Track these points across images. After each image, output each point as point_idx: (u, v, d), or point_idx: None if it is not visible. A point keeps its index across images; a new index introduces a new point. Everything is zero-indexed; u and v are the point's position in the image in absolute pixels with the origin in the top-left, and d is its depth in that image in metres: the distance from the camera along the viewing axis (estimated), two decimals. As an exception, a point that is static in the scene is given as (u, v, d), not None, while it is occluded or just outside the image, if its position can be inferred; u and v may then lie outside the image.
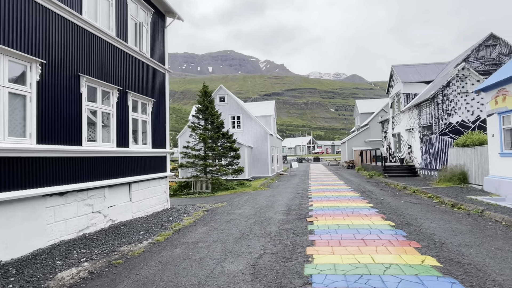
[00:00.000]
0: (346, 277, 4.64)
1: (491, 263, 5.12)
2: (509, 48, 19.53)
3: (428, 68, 25.51)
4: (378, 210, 9.96)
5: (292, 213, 10.07)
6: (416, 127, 21.25)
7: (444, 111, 18.26)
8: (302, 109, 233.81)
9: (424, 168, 20.09)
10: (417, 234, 7.02)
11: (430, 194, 12.63)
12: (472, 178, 14.56)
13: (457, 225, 7.79)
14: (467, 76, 18.21)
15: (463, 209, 9.63)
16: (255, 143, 26.95)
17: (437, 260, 5.30)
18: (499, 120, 12.12)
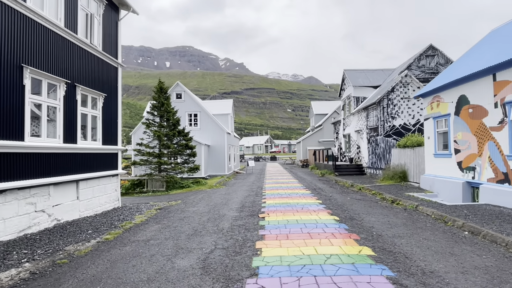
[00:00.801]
0: (290, 268, 4.97)
1: (418, 251, 5.76)
2: (445, 58, 21.55)
3: (376, 73, 27.25)
4: (325, 206, 10.58)
5: (245, 210, 10.33)
6: (364, 129, 22.65)
7: (389, 114, 19.69)
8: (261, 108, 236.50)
9: (370, 167, 21.49)
10: (358, 227, 7.62)
11: (374, 191, 13.62)
12: (411, 177, 15.92)
13: (394, 219, 8.56)
14: (409, 83, 19.81)
15: (401, 205, 10.56)
16: (212, 141, 26.93)
17: (372, 250, 5.84)
18: (434, 124, 13.41)
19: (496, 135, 9.68)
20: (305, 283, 4.37)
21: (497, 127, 9.64)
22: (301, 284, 4.34)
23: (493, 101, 9.81)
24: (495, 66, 9.47)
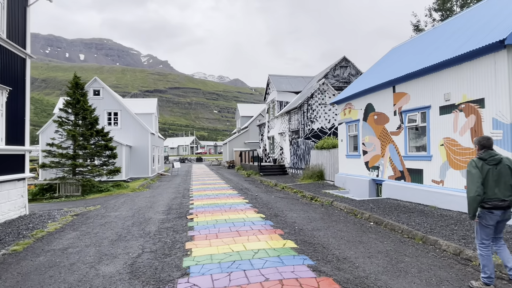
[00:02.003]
0: (221, 265, 5.17)
1: (333, 241, 6.49)
2: (356, 70, 24.16)
3: (297, 80, 29.15)
4: (252, 205, 11.04)
5: (172, 212, 10.19)
6: (286, 131, 24.04)
7: (309, 118, 21.30)
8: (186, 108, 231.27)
9: (292, 167, 22.91)
10: (282, 223, 8.19)
11: (295, 189, 14.63)
12: (327, 175, 17.48)
13: (313, 214, 9.39)
14: (326, 90, 21.71)
15: (319, 201, 11.58)
16: (135, 142, 25.58)
17: (295, 242, 6.39)
18: (346, 128, 14.99)
19: (395, 138, 11.31)
20: (235, 278, 4.62)
21: (395, 132, 11.27)
22: (232, 279, 4.58)
23: (393, 109, 11.44)
24: (394, 80, 11.08)
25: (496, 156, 4.14)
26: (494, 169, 4.07)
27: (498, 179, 4.05)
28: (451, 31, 11.39)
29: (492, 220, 4.09)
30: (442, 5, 26.30)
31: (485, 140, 4.26)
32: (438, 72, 9.32)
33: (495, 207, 4.02)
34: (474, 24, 9.99)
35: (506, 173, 4.06)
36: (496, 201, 4.02)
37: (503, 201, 4.02)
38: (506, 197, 4.03)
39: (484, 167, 4.09)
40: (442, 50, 9.96)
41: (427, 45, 12.14)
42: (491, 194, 4.04)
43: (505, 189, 4.04)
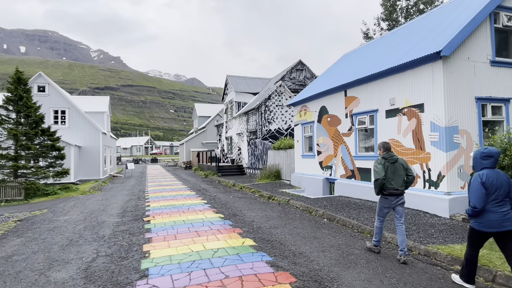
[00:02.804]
0: (180, 265, 5.19)
1: (290, 238, 6.78)
2: (311, 73, 25.11)
3: (255, 81, 29.56)
4: (211, 205, 11.07)
5: (128, 214, 9.89)
6: (244, 132, 24.28)
7: (266, 119, 21.72)
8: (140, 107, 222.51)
9: (250, 167, 23.20)
10: (240, 222, 8.35)
11: (253, 189, 14.88)
12: (284, 175, 17.98)
13: (270, 212, 9.67)
14: (283, 92, 22.30)
15: (276, 200, 11.92)
16: (85, 142, 24.20)
17: (253, 240, 6.58)
18: (302, 130, 15.57)
19: (346, 139, 12.00)
20: (196, 277, 4.68)
21: (347, 133, 11.96)
22: (192, 278, 4.63)
23: (344, 112, 12.13)
24: (345, 84, 11.76)
25: (394, 156, 5.49)
26: (392, 166, 5.41)
27: (395, 173, 5.39)
28: (396, 41, 12.36)
29: (387, 204, 5.47)
30: (389, 15, 28.25)
31: (387, 145, 5.65)
32: (384, 78, 10.08)
33: (390, 194, 5.39)
34: (416, 35, 10.96)
35: (400, 169, 5.42)
36: (392, 189, 5.37)
37: (397, 190, 5.37)
38: (399, 187, 5.39)
39: (385, 164, 5.42)
40: (388, 58, 10.78)
41: (376, 52, 13.05)
42: (389, 184, 5.37)
43: (399, 180, 5.40)
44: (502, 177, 4.09)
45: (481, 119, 8.43)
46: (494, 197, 4.01)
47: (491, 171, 4.11)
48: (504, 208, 4.00)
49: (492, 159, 4.14)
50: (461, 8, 9.95)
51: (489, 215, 4.02)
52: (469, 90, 8.36)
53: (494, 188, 4.02)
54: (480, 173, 4.13)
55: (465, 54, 8.41)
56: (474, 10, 8.68)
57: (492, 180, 4.03)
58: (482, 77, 8.55)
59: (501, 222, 3.97)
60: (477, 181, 4.08)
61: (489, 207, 4.02)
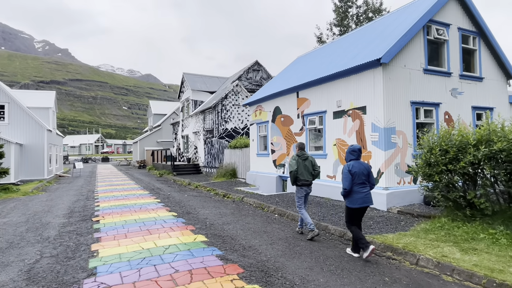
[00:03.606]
0: (130, 262, 5.21)
1: (241, 233, 7.04)
2: (267, 74, 25.67)
3: (212, 80, 29.50)
4: (164, 204, 10.99)
5: (75, 215, 9.51)
6: (201, 130, 24.19)
7: (223, 118, 21.85)
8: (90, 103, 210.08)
9: (206, 166, 23.18)
10: (194, 219, 8.45)
11: (208, 188, 14.96)
12: (239, 173, 18.26)
13: (224, 210, 9.87)
14: (239, 92, 22.57)
15: (231, 198, 12.14)
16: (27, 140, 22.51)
17: (205, 236, 6.74)
18: (257, 129, 15.95)
19: (298, 139, 12.55)
20: (146, 272, 4.75)
21: (299, 133, 12.52)
22: (142, 274, 4.70)
23: (296, 112, 12.68)
24: (298, 86, 12.31)
25: (305, 154, 6.82)
26: (303, 162, 6.72)
27: (306, 168, 6.70)
28: (345, 46, 13.17)
29: (301, 193, 6.79)
30: (341, 21, 29.74)
31: (302, 145, 6.98)
32: (332, 82, 10.74)
33: (303, 184, 6.72)
34: (362, 42, 11.79)
35: (309, 165, 6.75)
36: (303, 181, 6.69)
37: (307, 181, 6.71)
38: (308, 179, 6.71)
39: (298, 160, 6.72)
40: (337, 62, 11.49)
41: (327, 56, 13.79)
42: (301, 176, 6.66)
43: (308, 174, 6.71)
44: (363, 166, 5.45)
45: (415, 121, 9.36)
46: (358, 181, 5.33)
47: (356, 162, 5.46)
48: (365, 189, 5.37)
49: (356, 153, 5.52)
50: (401, 19, 10.91)
51: (356, 195, 5.36)
52: (405, 95, 9.23)
53: (357, 174, 5.33)
54: (349, 164, 5.48)
55: (402, 62, 9.27)
56: (410, 22, 9.59)
57: (356, 169, 5.35)
58: (416, 83, 9.49)
59: (364, 199, 5.36)
60: (346, 170, 5.41)
61: (355, 188, 5.36)
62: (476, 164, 6.33)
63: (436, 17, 9.92)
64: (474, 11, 10.59)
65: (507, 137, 5.83)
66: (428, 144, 7.14)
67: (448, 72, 10.12)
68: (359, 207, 5.40)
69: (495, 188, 6.48)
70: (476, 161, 6.21)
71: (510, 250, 5.12)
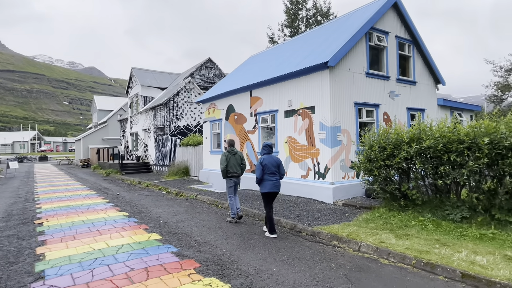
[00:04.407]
0: (81, 264, 5.06)
1: (196, 230, 7.13)
2: (220, 71, 25.68)
3: (163, 76, 28.72)
4: (114, 204, 10.62)
5: (14, 218, 8.80)
6: (151, 128, 23.50)
7: (174, 115, 21.45)
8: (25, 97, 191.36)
9: (157, 164, 22.60)
10: (146, 219, 8.33)
11: (160, 186, 14.68)
12: (192, 171, 18.13)
13: (178, 208, 9.83)
14: (192, 89, 22.31)
15: (184, 196, 12.08)
16: (-51, 137, 20.05)
17: (160, 235, 6.72)
18: (210, 127, 15.98)
19: (251, 137, 12.86)
20: (99, 273, 4.67)
21: (252, 131, 12.84)
22: (95, 274, 4.61)
23: (250, 111, 12.97)
24: (251, 85, 12.60)
25: (234, 150, 7.77)
26: (233, 157, 7.67)
27: (235, 162, 7.67)
28: (296, 48, 13.74)
29: (230, 184, 7.74)
30: (291, 23, 30.70)
31: (232, 142, 7.99)
32: (284, 82, 11.19)
33: (232, 176, 7.67)
34: (312, 45, 12.41)
35: (238, 159, 7.72)
36: (233, 173, 7.65)
37: (235, 173, 7.68)
38: (237, 171, 7.69)
39: (228, 156, 7.64)
40: (288, 63, 11.97)
41: (278, 57, 14.26)
42: (231, 169, 7.61)
43: (237, 166, 7.69)
44: (273, 159, 6.64)
45: (358, 121, 10.15)
46: (268, 171, 6.50)
47: (268, 156, 6.65)
48: (274, 178, 6.54)
49: (267, 148, 6.72)
50: (346, 25, 11.69)
51: (266, 182, 6.51)
52: (350, 96, 9.96)
53: (267, 166, 6.51)
54: (261, 157, 6.67)
55: (347, 65, 9.99)
56: (354, 29, 10.34)
57: (267, 162, 6.54)
58: (359, 85, 10.28)
59: (273, 186, 6.52)
60: (259, 162, 6.59)
61: (266, 177, 6.51)
62: (409, 160, 7.11)
63: (377, 25, 10.82)
64: (409, 21, 11.73)
65: (434, 135, 6.65)
66: (369, 142, 7.84)
67: (387, 76, 11.10)
68: (268, 192, 6.53)
69: (424, 181, 7.34)
70: (409, 157, 6.99)
71: (436, 234, 5.89)
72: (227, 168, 7.56)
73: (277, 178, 6.58)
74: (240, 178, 7.88)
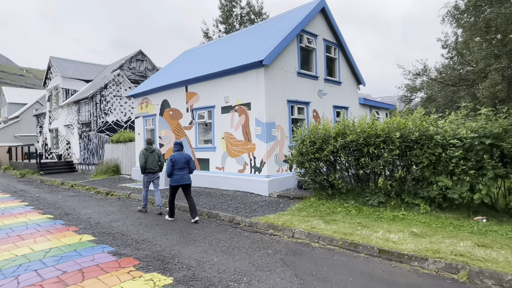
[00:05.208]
0: (2, 271, 4.60)
1: (132, 228, 6.92)
2: (152, 65, 24.66)
3: (88, 67, 26.55)
4: (34, 207, 9.66)
5: None
6: (75, 123, 21.62)
7: (102, 110, 20.06)
8: None
9: (82, 163, 20.91)
10: (75, 220, 7.79)
11: (87, 186, 13.69)
12: (124, 169, 17.23)
13: (110, 208, 9.35)
14: (121, 82, 21.07)
15: (115, 195, 11.49)
16: None
17: (92, 235, 6.39)
18: (143, 122, 15.36)
19: (187, 132, 12.74)
20: (26, 279, 4.31)
21: (188, 127, 12.71)
22: (21, 281, 4.25)
23: (186, 106, 12.82)
24: (186, 80, 12.45)
25: (151, 147, 8.40)
26: (151, 155, 8.31)
27: (152, 159, 8.31)
28: (232, 44, 13.93)
29: (147, 179, 8.42)
30: (226, 19, 30.80)
31: (150, 140, 8.60)
32: (221, 78, 11.31)
33: (149, 172, 8.33)
34: (247, 42, 12.72)
35: (156, 156, 8.38)
36: (150, 169, 8.31)
37: (153, 169, 8.33)
38: (154, 167, 8.34)
39: (146, 153, 8.28)
40: (224, 60, 12.11)
41: (215, 53, 14.30)
42: (148, 166, 8.26)
43: (154, 163, 8.33)
44: (183, 156, 7.37)
45: (291, 117, 10.78)
46: (177, 167, 7.27)
47: (178, 153, 7.40)
48: (182, 172, 7.31)
49: (177, 146, 7.47)
50: (279, 26, 12.25)
51: (175, 176, 7.30)
52: (283, 94, 10.52)
53: (177, 162, 7.27)
54: (172, 154, 7.40)
55: (280, 64, 10.52)
56: (287, 30, 10.92)
57: (176, 158, 7.29)
58: (292, 84, 10.91)
59: (180, 179, 7.30)
60: (169, 159, 7.32)
61: (175, 172, 7.30)
62: (335, 153, 7.85)
63: (307, 28, 11.57)
64: (335, 25, 12.76)
65: (356, 131, 7.45)
66: (300, 137, 8.43)
67: (316, 76, 11.95)
68: (177, 185, 7.36)
69: (348, 171, 8.17)
70: (335, 150, 7.72)
71: (358, 218, 6.65)
72: (145, 165, 8.21)
73: (186, 173, 7.38)
74: (158, 174, 8.51)
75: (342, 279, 4.15)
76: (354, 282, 4.06)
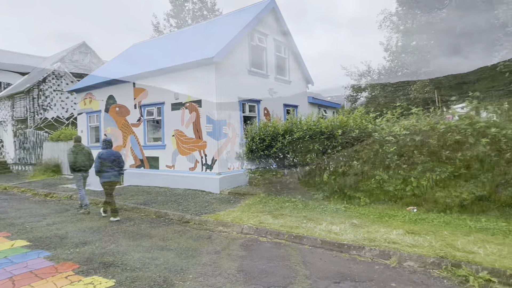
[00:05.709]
0: None
1: (72, 231, 6.53)
2: (98, 58, 23.29)
3: (23, 58, 24.32)
4: (-43, 213, 8.67)
5: None
6: (9, 120, 19.72)
7: (40, 106, 18.53)
8: None
9: (18, 163, 19.17)
10: (7, 225, 7.15)
11: (23, 188, 12.60)
12: (66, 170, 16.09)
13: (48, 210, 8.71)
14: (63, 76, 19.63)
15: (56, 197, 10.73)
16: None
17: (27, 240, 5.92)
18: (87, 119, 14.49)
19: (135, 130, 12.27)
20: None
21: (136, 124, 12.24)
22: None
23: (133, 103, 12.33)
24: (134, 76, 11.97)
25: (81, 145, 8.40)
26: (80, 153, 8.29)
27: (82, 157, 8.28)
28: (182, 40, 13.65)
29: (78, 177, 8.34)
30: (178, 14, 30.06)
31: (78, 138, 8.57)
32: (171, 74, 11.03)
33: (79, 170, 8.27)
34: (199, 39, 12.56)
35: (86, 154, 8.39)
36: (81, 167, 8.25)
37: (83, 167, 8.32)
38: (85, 165, 8.34)
39: (75, 151, 8.23)
40: (175, 56, 11.83)
41: (165, 48, 13.91)
42: (78, 164, 8.21)
43: (84, 162, 8.31)
44: (112, 153, 7.55)
45: (242, 115, 10.87)
46: (106, 164, 7.41)
47: (106, 151, 7.53)
48: (111, 170, 7.47)
49: (105, 144, 7.61)
50: (232, 24, 12.26)
51: (105, 174, 7.46)
52: (234, 91, 10.56)
53: (105, 160, 7.40)
54: (100, 152, 7.53)
55: (232, 62, 10.54)
56: (239, 28, 10.95)
57: (105, 155, 7.43)
58: (243, 82, 10.99)
59: (110, 176, 7.48)
60: (98, 156, 7.46)
61: (104, 169, 7.44)
62: (284, 149, 8.10)
63: (258, 27, 11.72)
64: (284, 26, 13.07)
65: (302, 128, 7.75)
66: (251, 134, 8.56)
67: (267, 74, 12.17)
68: (106, 181, 7.49)
69: (296, 168, 8.48)
70: (284, 147, 7.96)
71: (304, 212, 6.93)
72: (76, 163, 8.17)
73: (114, 170, 7.52)
74: (88, 172, 8.50)
75: (284, 271, 4.32)
76: (295, 273, 4.25)
